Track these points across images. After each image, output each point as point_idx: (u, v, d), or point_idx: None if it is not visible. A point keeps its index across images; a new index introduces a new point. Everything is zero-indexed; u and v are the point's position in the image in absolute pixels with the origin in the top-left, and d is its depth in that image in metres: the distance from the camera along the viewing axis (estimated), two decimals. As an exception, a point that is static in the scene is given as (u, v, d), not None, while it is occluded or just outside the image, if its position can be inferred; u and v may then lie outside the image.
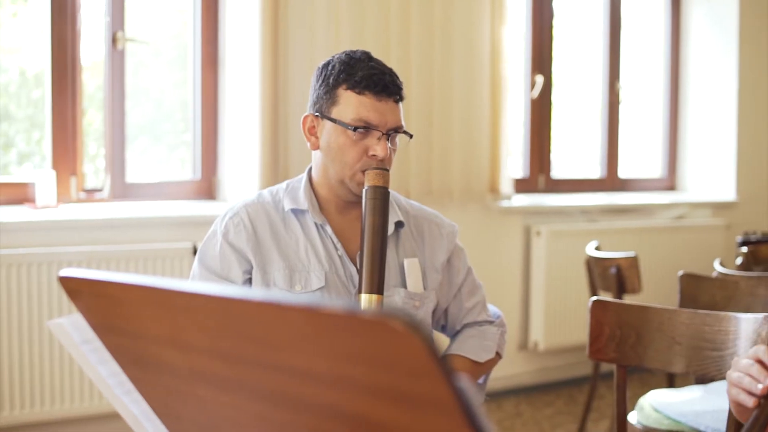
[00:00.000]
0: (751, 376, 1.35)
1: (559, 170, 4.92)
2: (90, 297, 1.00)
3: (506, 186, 4.29)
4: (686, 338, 2.04)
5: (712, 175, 5.27)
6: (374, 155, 1.78)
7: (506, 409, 4.24)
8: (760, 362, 1.35)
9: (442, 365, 0.62)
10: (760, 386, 1.31)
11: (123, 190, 3.65)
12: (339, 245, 1.87)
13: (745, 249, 4.05)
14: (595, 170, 5.11)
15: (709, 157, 5.27)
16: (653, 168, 5.40)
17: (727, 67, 5.19)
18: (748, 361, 1.37)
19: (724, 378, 1.82)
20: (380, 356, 0.67)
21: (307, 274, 1.83)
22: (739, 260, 3.90)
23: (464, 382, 0.62)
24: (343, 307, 0.65)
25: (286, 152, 3.67)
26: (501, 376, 4.36)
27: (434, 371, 0.62)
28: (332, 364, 0.73)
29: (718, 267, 3.36)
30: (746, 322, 1.76)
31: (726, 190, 5.23)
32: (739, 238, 4.18)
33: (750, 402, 1.32)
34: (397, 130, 1.83)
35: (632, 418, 2.61)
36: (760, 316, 1.71)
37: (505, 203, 4.35)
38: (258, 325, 0.77)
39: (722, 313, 1.99)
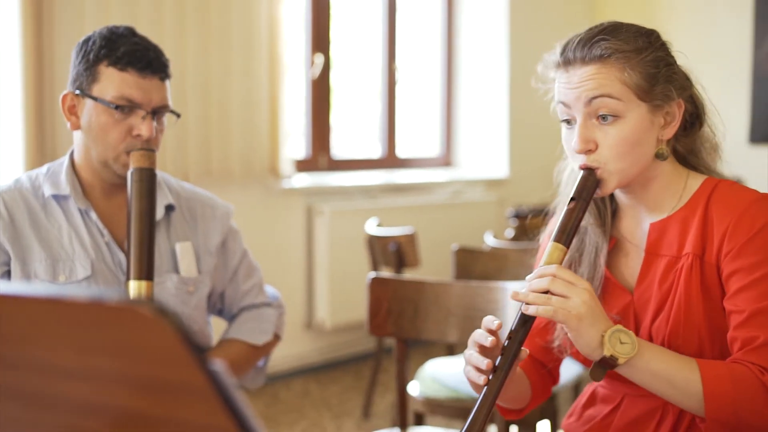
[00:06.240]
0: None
1: (339, 150, 4.96)
2: None
3: (287, 166, 4.28)
4: (460, 309, 2.12)
5: (485, 153, 5.52)
6: (139, 135, 1.71)
7: (294, 389, 4.26)
8: (479, 344, 1.38)
9: (193, 350, 0.59)
10: (485, 362, 1.35)
11: None
12: (105, 231, 1.78)
13: (515, 222, 4.28)
14: (375, 149, 5.21)
15: (483, 136, 5.51)
16: (430, 147, 5.57)
17: (498, 48, 5.43)
18: (472, 340, 1.40)
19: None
20: (130, 345, 0.63)
21: (72, 263, 1.73)
22: (510, 232, 4.11)
23: (218, 365, 0.60)
24: (86, 295, 0.61)
25: (53, 134, 3.46)
26: (288, 355, 4.36)
27: (186, 357, 0.59)
28: (81, 357, 0.68)
29: (489, 240, 3.53)
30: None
31: (499, 168, 5.49)
32: (510, 211, 4.42)
33: (480, 380, 1.36)
34: (163, 108, 1.76)
35: (414, 389, 2.68)
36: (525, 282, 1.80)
37: (286, 183, 4.34)
38: (-4, 320, 0.71)
39: (491, 284, 2.09)
